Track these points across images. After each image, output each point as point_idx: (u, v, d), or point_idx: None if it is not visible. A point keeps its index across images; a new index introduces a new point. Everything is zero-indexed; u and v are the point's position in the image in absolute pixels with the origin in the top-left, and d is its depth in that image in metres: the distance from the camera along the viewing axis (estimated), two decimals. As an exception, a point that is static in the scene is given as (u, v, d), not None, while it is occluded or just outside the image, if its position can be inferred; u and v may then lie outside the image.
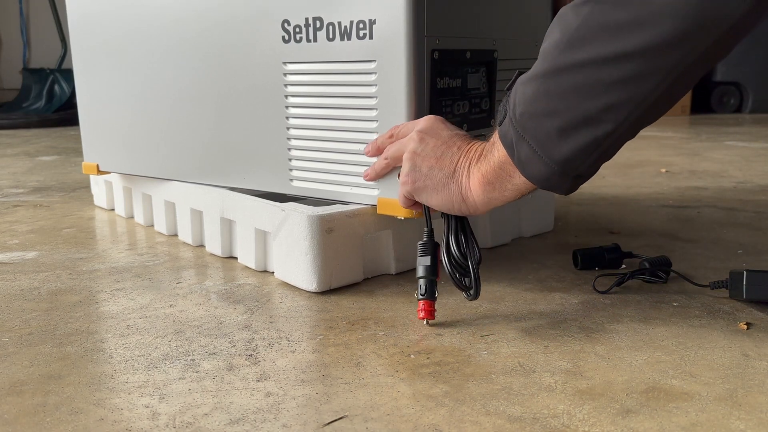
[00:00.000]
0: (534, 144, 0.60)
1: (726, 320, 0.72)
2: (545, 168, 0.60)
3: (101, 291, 0.84)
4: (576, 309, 0.75)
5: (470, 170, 0.67)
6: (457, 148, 0.69)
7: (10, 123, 3.10)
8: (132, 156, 1.12)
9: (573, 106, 0.56)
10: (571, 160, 0.59)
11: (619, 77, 0.54)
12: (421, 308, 0.70)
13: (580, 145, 0.58)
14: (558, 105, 0.57)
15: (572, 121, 0.57)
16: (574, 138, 0.58)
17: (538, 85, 0.58)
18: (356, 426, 0.52)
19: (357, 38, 0.78)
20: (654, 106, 0.56)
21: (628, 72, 0.53)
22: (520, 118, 0.60)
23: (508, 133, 0.62)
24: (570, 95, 0.56)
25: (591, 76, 0.55)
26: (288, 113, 0.87)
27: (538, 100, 0.58)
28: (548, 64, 0.58)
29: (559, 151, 0.59)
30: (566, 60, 0.56)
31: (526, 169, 0.61)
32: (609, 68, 0.54)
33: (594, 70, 0.55)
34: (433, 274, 0.71)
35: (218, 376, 0.60)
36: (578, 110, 0.56)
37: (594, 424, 0.52)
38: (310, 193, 0.87)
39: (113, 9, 1.06)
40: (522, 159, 0.61)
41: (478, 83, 0.86)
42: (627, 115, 0.56)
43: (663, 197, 1.36)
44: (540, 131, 0.59)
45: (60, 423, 0.53)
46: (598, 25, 0.54)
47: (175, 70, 0.99)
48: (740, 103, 3.48)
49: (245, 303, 0.79)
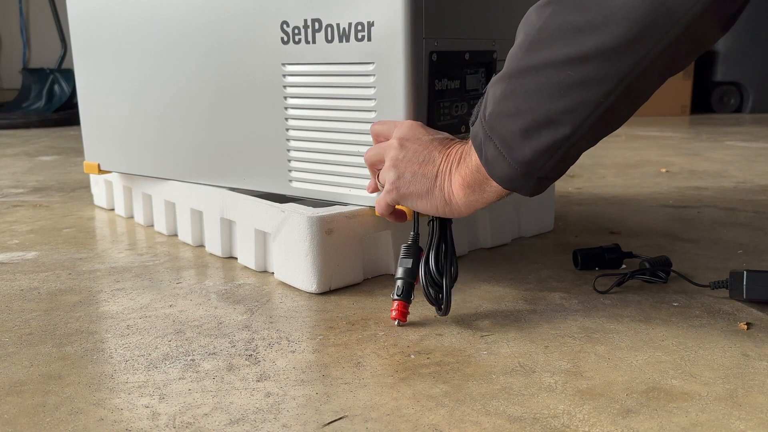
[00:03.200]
0: (499, 144, 0.60)
1: (726, 320, 0.72)
2: (509, 169, 0.60)
3: (101, 291, 0.84)
4: (576, 309, 0.75)
5: (451, 174, 0.67)
6: (438, 152, 0.68)
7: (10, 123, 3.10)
8: (133, 155, 1.12)
9: (535, 108, 0.57)
10: (533, 162, 0.59)
11: (577, 80, 0.54)
12: (394, 308, 0.70)
13: (542, 147, 0.58)
14: (521, 105, 0.57)
15: (534, 122, 0.57)
16: (536, 139, 0.58)
17: (504, 85, 0.59)
18: (356, 426, 0.52)
19: (355, 40, 0.78)
20: (611, 111, 0.56)
21: (584, 74, 0.54)
22: (489, 118, 0.60)
23: (478, 134, 0.62)
24: (532, 96, 0.57)
25: (551, 78, 0.55)
26: (287, 114, 0.87)
27: (505, 100, 0.59)
28: (513, 65, 0.58)
29: (521, 153, 0.59)
30: (529, 61, 0.56)
31: (493, 169, 0.61)
32: (567, 70, 0.54)
33: (553, 71, 0.55)
34: (412, 277, 0.71)
35: (218, 376, 0.60)
36: (540, 111, 0.57)
37: (594, 424, 0.52)
38: (309, 194, 0.88)
39: (114, 8, 1.06)
40: (489, 159, 0.61)
41: (477, 84, 0.86)
42: (585, 118, 0.56)
43: (663, 197, 1.36)
44: (505, 131, 0.59)
45: (60, 423, 0.53)
46: (556, 27, 0.54)
47: (175, 70, 0.99)
48: (740, 103, 3.47)
49: (245, 303, 0.79)
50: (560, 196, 1.37)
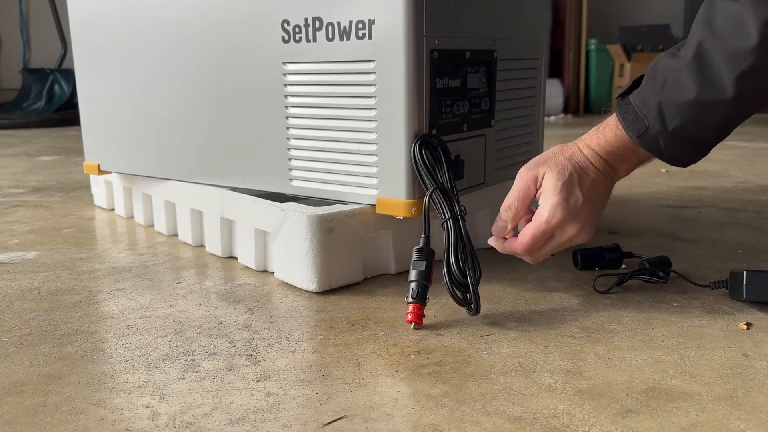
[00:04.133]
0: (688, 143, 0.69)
1: (726, 320, 0.72)
2: (695, 155, 0.71)
3: (101, 291, 0.84)
4: (576, 309, 0.75)
5: (616, 177, 0.75)
6: (578, 176, 0.71)
7: (10, 123, 3.11)
8: (133, 156, 1.12)
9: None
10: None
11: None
12: (410, 311, 0.70)
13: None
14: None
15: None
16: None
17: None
18: (356, 426, 0.52)
19: (356, 38, 0.78)
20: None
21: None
22: (674, 132, 0.67)
23: (654, 137, 0.68)
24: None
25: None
26: (288, 113, 0.87)
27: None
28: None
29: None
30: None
31: (677, 161, 0.71)
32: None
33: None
34: (426, 279, 0.71)
35: (218, 376, 0.60)
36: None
37: (594, 424, 0.52)
38: (310, 193, 0.88)
39: (115, 8, 1.06)
40: (674, 156, 0.70)
41: (477, 83, 0.86)
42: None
43: (663, 197, 1.36)
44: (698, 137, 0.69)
45: (60, 423, 0.53)
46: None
47: (176, 70, 0.99)
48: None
49: (245, 303, 0.79)
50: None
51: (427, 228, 0.74)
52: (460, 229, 0.72)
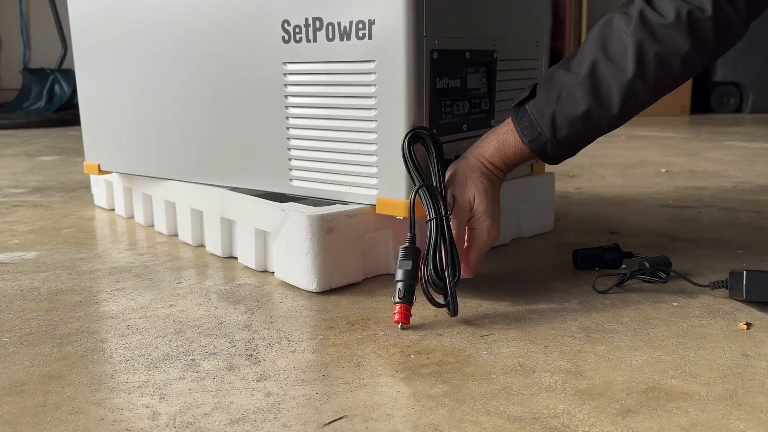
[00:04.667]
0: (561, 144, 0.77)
1: (726, 320, 0.72)
2: (565, 156, 0.79)
3: (101, 291, 0.84)
4: (576, 309, 0.75)
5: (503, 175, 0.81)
6: (488, 180, 0.78)
7: (10, 123, 3.10)
8: (133, 156, 1.12)
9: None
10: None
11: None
12: (396, 311, 0.70)
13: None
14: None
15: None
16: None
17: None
18: (356, 426, 0.52)
19: (356, 38, 0.78)
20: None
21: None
22: (562, 141, 0.76)
23: (542, 140, 0.76)
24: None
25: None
26: (288, 113, 0.87)
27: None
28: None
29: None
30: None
31: (555, 162, 0.79)
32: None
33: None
34: (412, 279, 0.71)
35: (218, 376, 0.61)
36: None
37: (594, 424, 0.52)
38: (310, 193, 0.88)
39: (115, 8, 1.06)
40: (554, 158, 0.78)
41: (477, 83, 0.86)
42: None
43: (663, 197, 1.36)
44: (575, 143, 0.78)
45: (60, 423, 0.53)
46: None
47: (176, 70, 0.99)
48: (740, 103, 3.47)
49: (245, 303, 0.79)
50: (560, 196, 1.37)
51: (413, 227, 0.74)
52: (443, 229, 0.72)
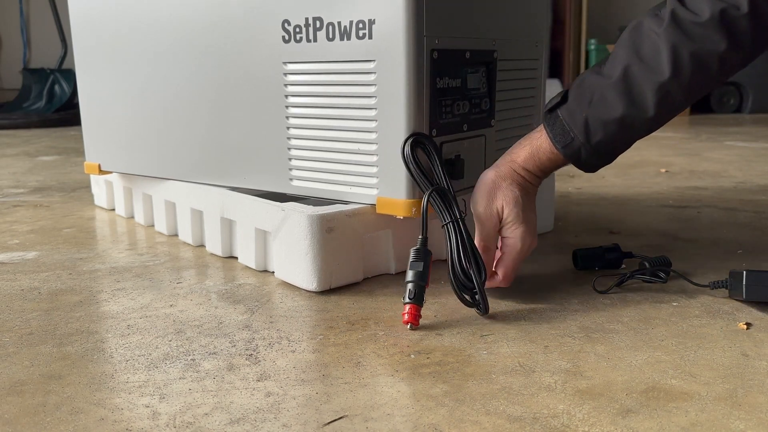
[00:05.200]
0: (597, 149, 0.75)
1: (726, 320, 0.72)
2: (606, 164, 0.77)
3: (101, 291, 0.84)
4: (576, 309, 0.75)
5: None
6: (518, 190, 0.76)
7: (10, 123, 3.11)
8: (133, 156, 1.12)
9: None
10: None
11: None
12: (406, 312, 0.70)
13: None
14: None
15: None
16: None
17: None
18: (356, 426, 0.52)
19: (357, 38, 0.78)
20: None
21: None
22: (597, 146, 0.74)
23: (577, 146, 0.74)
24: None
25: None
26: (288, 113, 0.87)
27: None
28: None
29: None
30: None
31: (592, 170, 0.78)
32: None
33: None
34: (423, 280, 0.71)
35: (218, 375, 0.61)
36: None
37: (594, 423, 0.52)
38: (310, 193, 0.88)
39: (115, 8, 1.06)
40: (590, 165, 0.77)
41: (478, 83, 0.86)
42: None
43: (663, 197, 1.36)
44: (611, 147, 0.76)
45: (60, 423, 0.53)
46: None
47: (176, 70, 0.99)
48: (740, 103, 3.48)
49: (245, 303, 0.79)
50: (560, 196, 1.37)
51: (425, 229, 0.74)
52: (461, 232, 0.72)
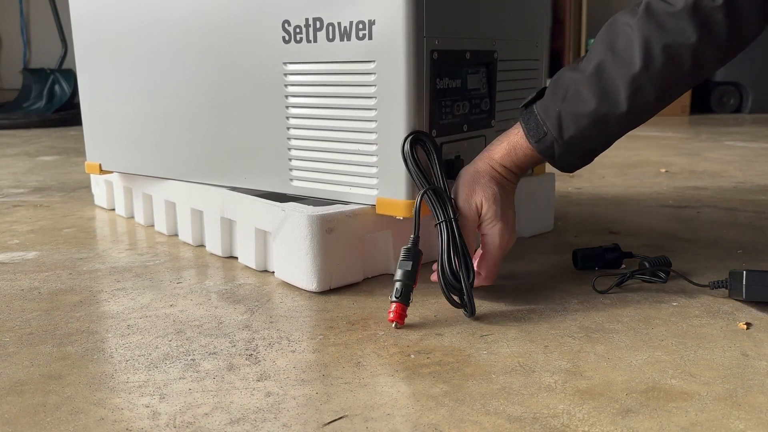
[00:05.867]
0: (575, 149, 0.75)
1: (726, 320, 0.72)
2: (582, 163, 0.77)
3: (102, 291, 0.84)
4: (576, 309, 0.75)
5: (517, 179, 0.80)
6: (497, 186, 0.76)
7: (10, 123, 3.10)
8: (134, 155, 1.12)
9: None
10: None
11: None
12: (392, 310, 0.70)
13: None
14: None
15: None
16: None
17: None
18: (356, 426, 0.52)
19: (356, 38, 0.78)
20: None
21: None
22: (569, 140, 0.74)
23: (551, 143, 0.75)
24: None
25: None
26: (288, 113, 0.87)
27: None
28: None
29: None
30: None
31: (567, 168, 0.78)
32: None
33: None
34: (410, 280, 0.71)
35: (218, 375, 0.61)
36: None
37: (594, 423, 0.52)
38: (310, 193, 0.88)
39: (116, 8, 1.06)
40: (564, 163, 0.77)
41: (478, 84, 0.86)
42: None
43: (663, 197, 1.36)
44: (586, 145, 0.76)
45: (60, 423, 0.53)
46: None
47: (176, 70, 0.99)
48: (740, 103, 3.48)
49: (245, 303, 0.79)
50: (560, 196, 1.37)
51: (417, 228, 0.74)
52: (453, 231, 0.72)
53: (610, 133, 0.74)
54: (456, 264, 0.71)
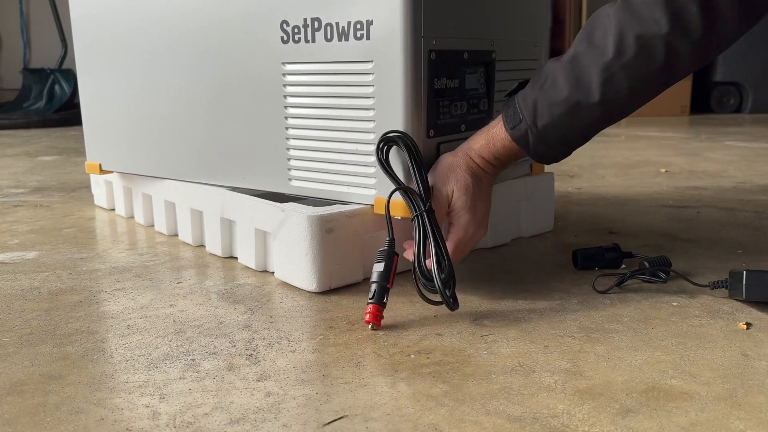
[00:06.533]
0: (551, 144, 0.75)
1: (726, 320, 0.72)
2: (558, 154, 0.76)
3: (102, 291, 0.84)
4: (576, 309, 0.75)
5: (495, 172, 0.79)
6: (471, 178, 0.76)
7: (10, 123, 3.10)
8: (134, 155, 1.12)
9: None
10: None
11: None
12: (368, 311, 0.70)
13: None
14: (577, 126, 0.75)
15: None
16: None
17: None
18: (356, 426, 0.52)
19: (354, 39, 0.78)
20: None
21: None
22: (542, 130, 0.73)
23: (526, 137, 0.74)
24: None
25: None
26: (287, 113, 0.87)
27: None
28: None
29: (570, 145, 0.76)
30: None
31: (542, 159, 0.76)
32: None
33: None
34: (384, 281, 0.71)
35: (218, 375, 0.61)
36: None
37: (594, 423, 0.52)
38: (309, 193, 0.88)
39: (116, 9, 1.06)
40: (539, 153, 0.76)
41: (476, 84, 0.86)
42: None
43: (663, 197, 1.36)
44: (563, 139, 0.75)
45: (60, 423, 0.53)
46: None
47: (176, 70, 0.99)
48: (740, 103, 3.48)
49: (245, 303, 0.79)
50: (560, 196, 1.37)
51: (391, 231, 0.74)
52: (424, 227, 0.72)
53: (583, 124, 0.73)
54: (425, 259, 0.71)
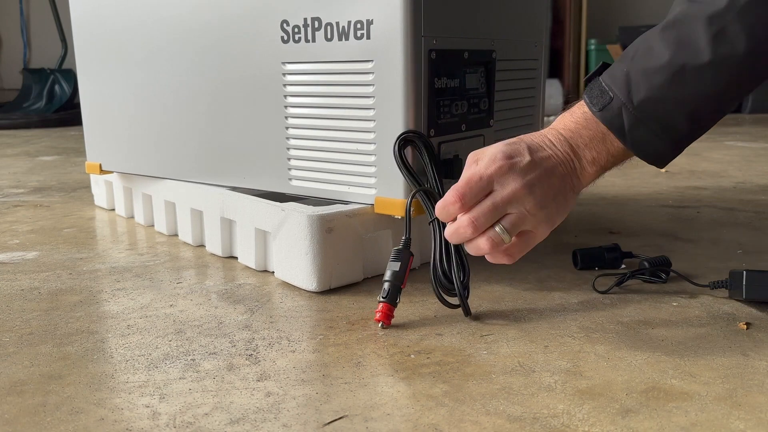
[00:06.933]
0: (655, 127, 0.62)
1: (726, 320, 0.72)
2: (663, 147, 0.63)
3: (102, 291, 0.84)
4: (576, 309, 0.75)
5: (582, 170, 0.66)
6: (554, 165, 0.64)
7: (10, 123, 3.11)
8: (134, 155, 1.12)
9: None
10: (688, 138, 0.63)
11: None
12: (379, 310, 0.70)
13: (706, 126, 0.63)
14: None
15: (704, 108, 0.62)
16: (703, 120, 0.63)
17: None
18: (356, 426, 0.52)
19: (355, 38, 0.78)
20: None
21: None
22: (641, 104, 0.61)
23: (619, 120, 0.63)
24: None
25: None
26: (287, 113, 0.87)
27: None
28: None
29: (681, 131, 0.62)
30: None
31: (644, 151, 0.64)
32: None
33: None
34: (398, 281, 0.71)
35: (218, 375, 0.61)
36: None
37: (594, 423, 0.52)
38: (309, 193, 0.88)
39: (116, 8, 1.06)
40: (637, 142, 0.63)
41: (476, 83, 0.86)
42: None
43: (663, 197, 1.36)
44: (666, 116, 0.62)
45: (60, 423, 0.53)
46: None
47: (176, 70, 0.99)
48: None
49: (245, 303, 0.79)
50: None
51: (408, 230, 0.74)
52: (441, 230, 0.72)
53: (692, 96, 0.60)
54: (447, 263, 0.71)
